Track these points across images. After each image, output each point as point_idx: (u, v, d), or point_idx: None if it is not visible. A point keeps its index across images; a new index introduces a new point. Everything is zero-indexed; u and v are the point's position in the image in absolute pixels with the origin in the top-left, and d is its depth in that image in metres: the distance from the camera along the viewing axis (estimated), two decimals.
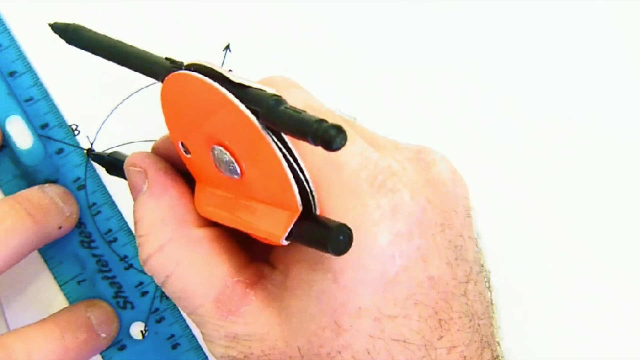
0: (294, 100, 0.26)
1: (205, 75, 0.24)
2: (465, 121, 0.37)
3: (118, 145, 0.36)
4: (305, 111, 0.22)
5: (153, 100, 0.36)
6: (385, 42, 0.37)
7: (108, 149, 0.36)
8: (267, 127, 0.23)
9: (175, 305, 0.35)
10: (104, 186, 0.36)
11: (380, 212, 0.25)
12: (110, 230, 0.36)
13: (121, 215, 0.36)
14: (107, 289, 0.35)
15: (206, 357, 0.36)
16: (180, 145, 0.28)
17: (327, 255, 0.24)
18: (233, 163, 0.25)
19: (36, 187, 0.34)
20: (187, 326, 0.36)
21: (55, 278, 0.36)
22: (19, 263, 0.32)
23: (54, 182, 0.35)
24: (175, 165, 0.29)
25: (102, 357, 0.35)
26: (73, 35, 0.29)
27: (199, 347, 0.36)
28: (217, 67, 0.25)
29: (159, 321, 0.36)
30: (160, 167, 0.29)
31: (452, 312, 0.25)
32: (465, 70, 0.37)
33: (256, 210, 0.26)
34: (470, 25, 0.37)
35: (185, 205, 0.28)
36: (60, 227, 0.33)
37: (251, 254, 0.28)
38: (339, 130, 0.20)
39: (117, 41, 0.28)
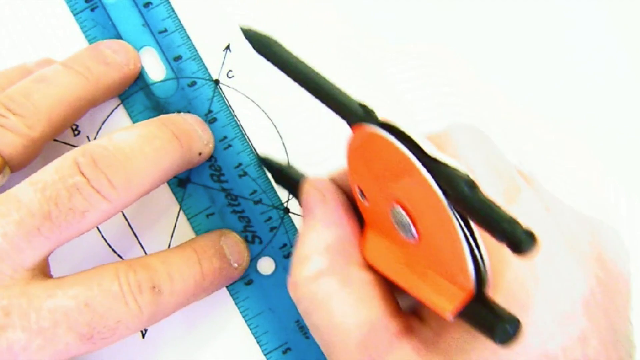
0: (479, 162, 0.26)
1: (397, 137, 0.24)
2: (464, 121, 0.36)
3: None
4: (498, 206, 0.21)
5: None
6: (385, 42, 0.37)
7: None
8: (454, 208, 0.23)
9: None
10: (235, 120, 0.36)
11: (550, 291, 0.25)
12: (240, 164, 0.35)
13: (251, 149, 0.36)
14: (236, 223, 0.35)
15: None
16: (357, 189, 0.28)
17: None
18: (411, 227, 0.25)
19: (175, 114, 0.34)
20: None
21: (183, 211, 0.35)
22: (149, 195, 0.32)
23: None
24: (350, 199, 0.29)
25: (229, 291, 0.35)
26: (265, 47, 0.28)
27: None
28: (412, 132, 0.24)
29: (287, 257, 0.35)
30: (339, 199, 0.29)
31: None
32: (465, 69, 0.36)
33: (426, 277, 0.26)
34: (470, 25, 0.37)
35: (353, 243, 0.28)
36: (200, 154, 0.33)
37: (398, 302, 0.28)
38: (530, 237, 0.20)
39: (311, 69, 0.27)
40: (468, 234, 0.23)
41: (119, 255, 0.35)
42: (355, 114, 0.26)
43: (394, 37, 0.36)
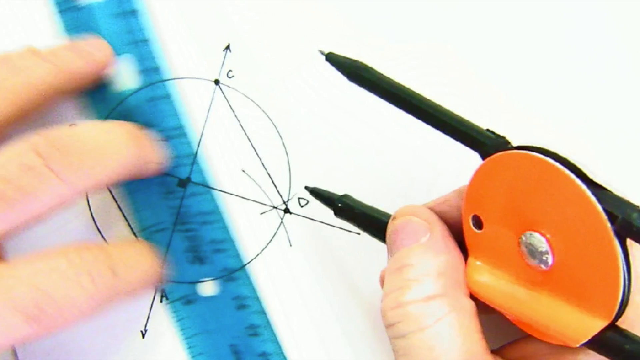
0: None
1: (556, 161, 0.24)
2: None
3: None
4: None
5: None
6: (385, 42, 0.37)
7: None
8: (617, 235, 0.23)
9: (247, 266, 0.35)
10: (201, 136, 0.36)
11: None
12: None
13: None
14: (182, 243, 0.35)
15: (269, 321, 0.35)
16: (470, 218, 0.28)
17: None
18: (548, 254, 0.25)
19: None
20: (255, 289, 0.35)
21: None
22: None
23: (154, 126, 0.35)
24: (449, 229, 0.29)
25: (170, 309, 0.35)
26: (354, 73, 0.28)
27: (264, 312, 0.35)
28: (570, 158, 0.24)
29: (229, 280, 0.35)
30: (445, 228, 0.29)
31: None
32: (464, 69, 0.36)
33: (548, 305, 0.26)
34: (469, 25, 0.37)
35: (460, 270, 0.28)
36: (150, 165, 0.33)
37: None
38: None
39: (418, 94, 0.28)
40: (625, 262, 0.23)
41: None
42: (491, 140, 0.26)
43: (394, 37, 0.36)
